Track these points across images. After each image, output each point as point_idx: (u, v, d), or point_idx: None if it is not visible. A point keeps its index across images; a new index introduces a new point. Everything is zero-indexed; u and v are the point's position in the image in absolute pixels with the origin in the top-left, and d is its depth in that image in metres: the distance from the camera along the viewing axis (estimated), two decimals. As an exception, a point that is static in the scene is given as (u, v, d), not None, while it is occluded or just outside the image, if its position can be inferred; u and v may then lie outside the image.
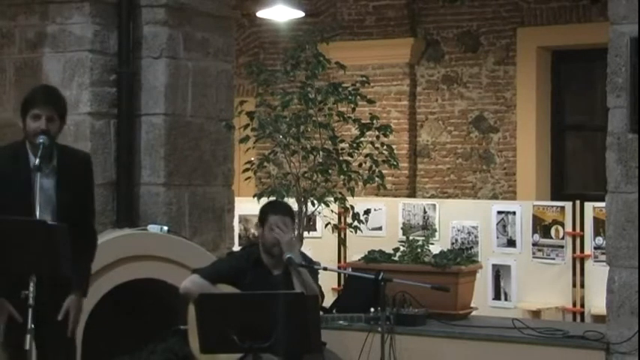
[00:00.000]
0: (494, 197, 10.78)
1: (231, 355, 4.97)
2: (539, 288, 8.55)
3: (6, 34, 6.90)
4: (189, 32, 7.01)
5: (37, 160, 4.73)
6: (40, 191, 4.74)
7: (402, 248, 6.73)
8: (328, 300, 6.62)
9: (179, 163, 6.95)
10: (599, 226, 8.10)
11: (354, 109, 7.07)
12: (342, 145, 7.08)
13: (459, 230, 8.98)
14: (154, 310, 6.58)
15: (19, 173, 4.82)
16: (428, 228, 8.95)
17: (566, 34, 10.61)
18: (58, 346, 4.88)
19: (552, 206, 8.69)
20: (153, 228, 6.64)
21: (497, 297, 8.71)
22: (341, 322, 5.78)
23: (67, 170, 4.91)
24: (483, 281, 8.41)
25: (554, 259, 8.49)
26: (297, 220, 7.02)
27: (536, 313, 8.31)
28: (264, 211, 5.62)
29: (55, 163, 4.89)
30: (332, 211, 7.80)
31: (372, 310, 5.41)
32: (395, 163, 7.23)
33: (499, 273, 8.72)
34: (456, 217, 9.06)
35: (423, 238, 6.89)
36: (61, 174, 4.89)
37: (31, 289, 4.47)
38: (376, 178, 7.12)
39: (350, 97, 7.04)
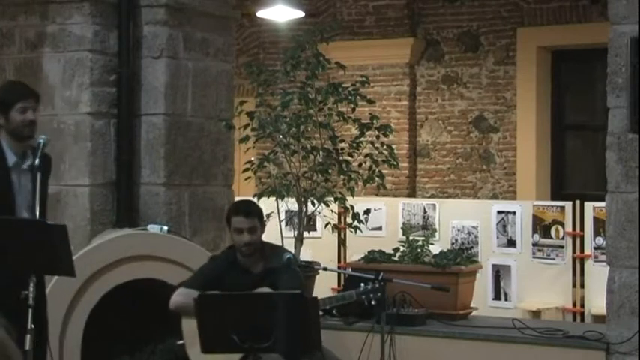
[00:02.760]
0: (494, 197, 10.78)
1: (231, 355, 4.98)
2: (539, 288, 8.55)
3: (6, 34, 6.90)
4: (189, 32, 7.01)
5: (37, 161, 4.75)
6: (18, 189, 4.82)
7: (402, 248, 6.72)
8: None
9: (179, 163, 6.95)
10: (599, 226, 8.09)
11: (354, 109, 7.07)
12: (342, 145, 7.07)
13: (459, 230, 8.98)
14: (154, 310, 6.57)
15: None
16: (428, 228, 8.95)
17: (566, 34, 10.61)
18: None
19: (552, 206, 8.68)
20: (153, 228, 6.64)
21: (497, 297, 8.70)
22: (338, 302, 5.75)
23: (39, 169, 4.97)
24: (483, 281, 8.40)
25: (554, 259, 8.49)
26: (296, 220, 7.04)
27: (536, 313, 8.31)
28: (227, 214, 5.66)
29: (30, 162, 4.94)
30: (332, 211, 7.80)
31: (362, 285, 5.40)
32: (395, 163, 7.23)
33: (499, 273, 8.72)
34: (456, 217, 9.05)
35: (423, 238, 6.88)
36: (35, 173, 4.94)
37: (31, 289, 4.48)
38: (376, 178, 7.12)
39: (350, 97, 7.04)
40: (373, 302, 5.32)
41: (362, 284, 5.45)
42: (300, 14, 10.49)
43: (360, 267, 6.65)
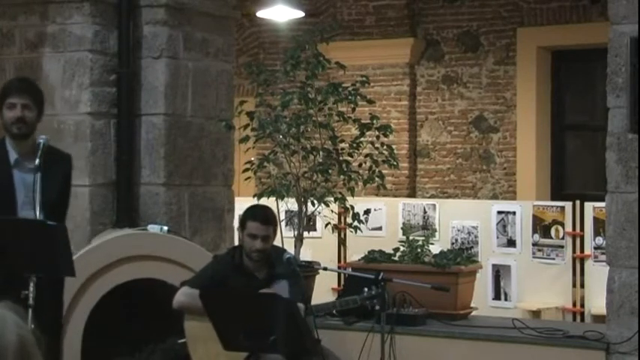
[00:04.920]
0: (494, 197, 10.78)
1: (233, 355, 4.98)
2: (539, 288, 8.55)
3: (6, 34, 6.90)
4: (189, 32, 7.01)
5: (37, 161, 4.75)
6: (20, 187, 4.80)
7: (402, 248, 6.72)
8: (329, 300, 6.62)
9: (179, 163, 6.95)
10: (599, 226, 8.09)
11: (354, 109, 7.07)
12: (342, 145, 7.07)
13: (459, 230, 8.98)
14: (154, 310, 6.58)
15: None
16: (428, 228, 8.95)
17: (566, 34, 10.61)
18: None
19: (552, 206, 8.68)
20: (153, 228, 6.64)
21: (497, 297, 8.71)
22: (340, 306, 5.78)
23: (49, 168, 4.94)
24: (483, 281, 8.40)
25: (554, 259, 8.49)
26: (296, 220, 7.04)
27: (536, 313, 8.31)
28: (244, 217, 5.61)
29: (37, 161, 4.91)
30: (332, 211, 7.80)
31: (366, 290, 5.40)
32: (395, 163, 7.23)
33: (499, 273, 8.72)
34: (456, 217, 9.05)
35: (423, 238, 6.88)
36: (43, 171, 4.90)
37: (31, 289, 4.48)
38: (376, 178, 7.12)
39: (350, 97, 7.03)
40: (377, 307, 5.32)
41: (365, 289, 5.43)
42: (300, 14, 10.49)
43: (360, 267, 6.65)
